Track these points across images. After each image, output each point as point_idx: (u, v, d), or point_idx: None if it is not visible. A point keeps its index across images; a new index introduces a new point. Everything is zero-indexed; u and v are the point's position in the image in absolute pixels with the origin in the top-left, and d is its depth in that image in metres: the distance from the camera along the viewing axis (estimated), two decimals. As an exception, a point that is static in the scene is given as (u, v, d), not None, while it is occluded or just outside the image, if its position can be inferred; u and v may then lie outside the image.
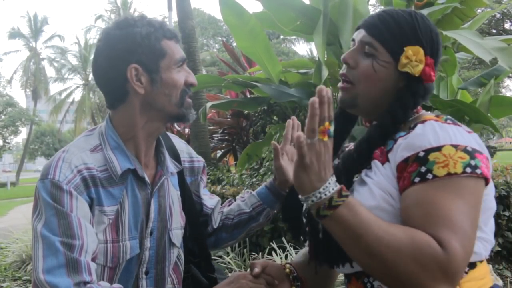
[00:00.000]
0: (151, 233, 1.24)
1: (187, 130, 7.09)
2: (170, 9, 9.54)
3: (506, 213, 4.17)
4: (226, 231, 1.45)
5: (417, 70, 1.02)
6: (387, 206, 0.97)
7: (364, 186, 1.01)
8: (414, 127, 0.99)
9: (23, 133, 37.46)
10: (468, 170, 0.91)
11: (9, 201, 16.78)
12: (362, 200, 0.98)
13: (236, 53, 7.54)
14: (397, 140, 1.00)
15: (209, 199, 1.47)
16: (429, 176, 0.92)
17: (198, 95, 5.66)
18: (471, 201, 0.91)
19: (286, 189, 1.34)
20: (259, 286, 1.15)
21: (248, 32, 4.27)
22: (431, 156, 0.92)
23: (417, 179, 0.93)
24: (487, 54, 3.17)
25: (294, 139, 1.31)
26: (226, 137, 7.25)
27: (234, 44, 8.62)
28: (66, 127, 40.65)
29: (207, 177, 1.52)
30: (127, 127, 1.22)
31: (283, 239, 3.55)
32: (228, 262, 3.59)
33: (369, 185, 1.00)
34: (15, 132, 30.69)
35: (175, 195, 1.33)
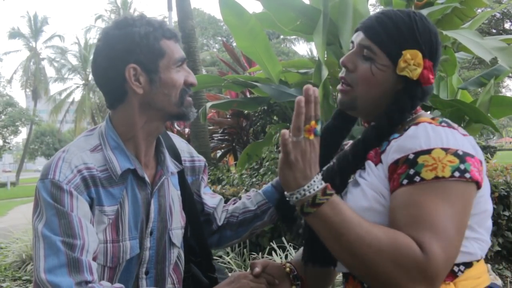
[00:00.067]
0: (151, 233, 1.24)
1: (187, 130, 7.09)
2: (170, 9, 9.53)
3: (506, 213, 4.17)
4: (231, 228, 1.45)
5: (415, 73, 1.02)
6: (380, 207, 0.98)
7: (357, 187, 1.02)
8: (407, 129, 0.99)
9: (23, 133, 37.48)
10: (457, 174, 0.91)
11: (9, 201, 16.78)
12: (355, 201, 1.00)
13: (236, 53, 7.54)
14: (390, 141, 1.01)
15: (210, 198, 1.47)
16: (417, 178, 0.92)
17: (198, 95, 5.66)
18: (457, 205, 0.91)
19: None
20: (259, 285, 1.15)
21: (248, 32, 4.28)
22: (420, 159, 0.93)
23: (405, 181, 0.93)
24: (487, 54, 3.17)
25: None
26: (226, 137, 7.25)
27: (234, 44, 8.62)
28: (66, 127, 40.65)
29: (207, 177, 1.52)
30: (126, 127, 1.22)
31: (283, 239, 3.55)
32: (228, 262, 3.59)
33: (362, 186, 1.01)
34: (15, 132, 30.70)
35: (175, 195, 1.33)
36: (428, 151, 0.93)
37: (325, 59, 4.06)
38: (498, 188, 4.13)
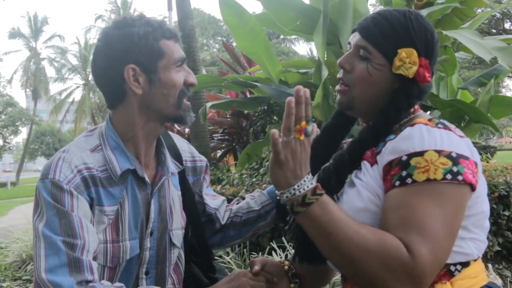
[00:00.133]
0: (151, 233, 1.24)
1: (187, 130, 7.09)
2: (170, 9, 9.53)
3: (506, 213, 4.17)
4: (234, 228, 1.45)
5: (411, 72, 1.03)
6: (375, 207, 0.98)
7: (353, 188, 1.02)
8: (403, 130, 0.99)
9: (23, 133, 37.49)
10: (449, 176, 0.91)
11: (9, 201, 16.79)
12: (350, 202, 1.00)
13: (236, 53, 7.53)
14: (386, 142, 1.01)
15: (212, 200, 1.47)
16: (409, 180, 0.93)
17: (198, 95, 5.66)
18: (448, 207, 0.91)
19: None
20: (259, 283, 1.16)
21: (248, 32, 4.27)
22: (413, 161, 0.93)
23: (397, 183, 0.94)
24: (487, 54, 3.16)
25: None
26: (226, 137, 7.25)
27: (234, 44, 8.62)
28: (66, 127, 40.64)
29: (209, 177, 1.52)
30: (126, 127, 1.22)
31: (283, 238, 3.55)
32: (228, 262, 3.59)
33: (358, 186, 1.01)
34: (15, 132, 30.72)
35: (175, 195, 1.33)
36: (421, 153, 0.93)
37: (325, 59, 4.06)
38: (498, 188, 4.14)
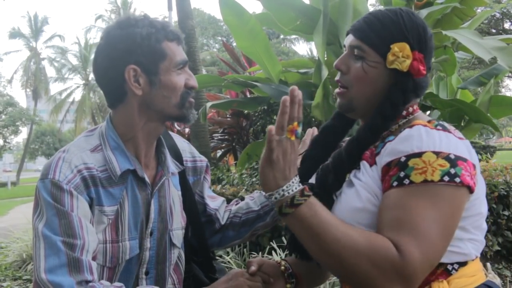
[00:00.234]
0: (151, 233, 1.24)
1: (187, 130, 7.09)
2: (170, 9, 9.52)
3: (506, 213, 4.17)
4: (233, 228, 1.46)
5: (405, 65, 1.03)
6: (373, 207, 0.99)
7: (352, 188, 1.03)
8: (402, 131, 1.00)
9: (24, 133, 37.50)
10: (446, 178, 0.91)
11: (10, 200, 16.80)
12: (349, 202, 1.01)
13: (236, 53, 7.53)
14: (386, 144, 1.01)
15: (212, 201, 1.47)
16: (406, 181, 0.93)
17: (198, 95, 5.66)
18: (444, 209, 0.91)
19: None
20: (255, 284, 1.17)
21: (248, 32, 4.27)
22: (411, 162, 0.93)
23: (395, 183, 0.94)
24: (486, 54, 3.17)
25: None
26: (226, 137, 7.25)
27: (234, 44, 8.62)
28: (67, 126, 40.61)
29: (210, 177, 1.52)
30: (126, 127, 1.22)
31: (283, 238, 3.55)
32: (228, 261, 3.60)
33: (356, 186, 1.01)
34: (15, 132, 30.74)
35: (176, 195, 1.33)
36: (419, 154, 0.93)
37: (325, 59, 4.06)
38: (498, 187, 4.14)
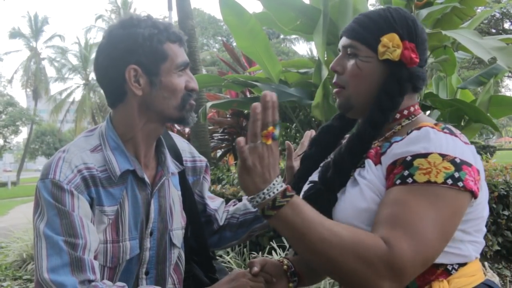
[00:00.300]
0: (151, 233, 1.24)
1: (187, 130, 7.09)
2: (170, 8, 9.53)
3: (506, 213, 4.17)
4: (231, 229, 1.46)
5: (396, 54, 1.04)
6: (377, 208, 0.98)
7: (356, 187, 1.02)
8: (410, 132, 1.00)
9: (24, 132, 37.54)
10: (449, 181, 0.91)
11: (10, 200, 16.81)
12: (353, 202, 1.00)
13: (236, 53, 7.53)
14: (392, 144, 1.01)
15: (211, 201, 1.48)
16: (409, 180, 0.93)
17: (198, 95, 5.66)
18: (444, 211, 0.91)
19: None
20: (258, 284, 1.16)
21: (248, 32, 4.27)
22: (416, 162, 0.94)
23: (398, 181, 0.94)
24: (486, 54, 3.16)
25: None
26: (226, 137, 7.24)
27: (234, 44, 8.61)
28: (67, 126, 40.60)
29: (210, 176, 1.53)
30: (126, 127, 1.22)
31: (283, 238, 3.55)
32: (228, 261, 3.60)
33: (361, 185, 1.01)
34: (15, 132, 30.76)
35: (176, 195, 1.33)
36: (425, 155, 0.93)
37: (325, 58, 4.06)
38: (498, 187, 4.14)
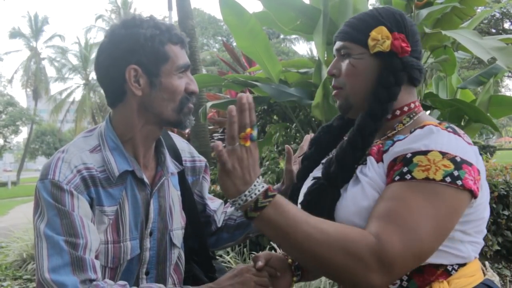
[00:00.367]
0: (151, 233, 1.25)
1: (187, 130, 7.10)
2: (170, 8, 9.53)
3: (506, 212, 4.17)
4: (228, 231, 1.46)
5: (386, 45, 1.05)
6: None
7: (357, 185, 1.02)
8: (414, 131, 1.00)
9: (24, 132, 37.55)
10: (448, 179, 0.91)
11: (10, 200, 16.82)
12: (355, 200, 1.00)
13: (236, 53, 7.54)
14: (395, 142, 1.01)
15: (211, 202, 1.49)
16: (408, 176, 0.93)
17: (198, 95, 5.66)
18: (440, 209, 0.90)
19: None
20: (262, 279, 1.16)
21: (248, 31, 4.27)
22: (416, 159, 0.94)
23: (397, 178, 0.94)
24: (485, 54, 3.16)
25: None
26: (226, 137, 7.24)
27: (234, 44, 8.61)
28: (67, 126, 40.59)
29: (209, 176, 1.53)
30: (125, 127, 1.22)
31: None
32: (228, 261, 3.60)
33: (363, 183, 1.01)
34: (15, 132, 30.78)
35: (175, 195, 1.33)
36: (425, 152, 0.94)
37: (325, 58, 4.06)
38: (498, 187, 4.14)
